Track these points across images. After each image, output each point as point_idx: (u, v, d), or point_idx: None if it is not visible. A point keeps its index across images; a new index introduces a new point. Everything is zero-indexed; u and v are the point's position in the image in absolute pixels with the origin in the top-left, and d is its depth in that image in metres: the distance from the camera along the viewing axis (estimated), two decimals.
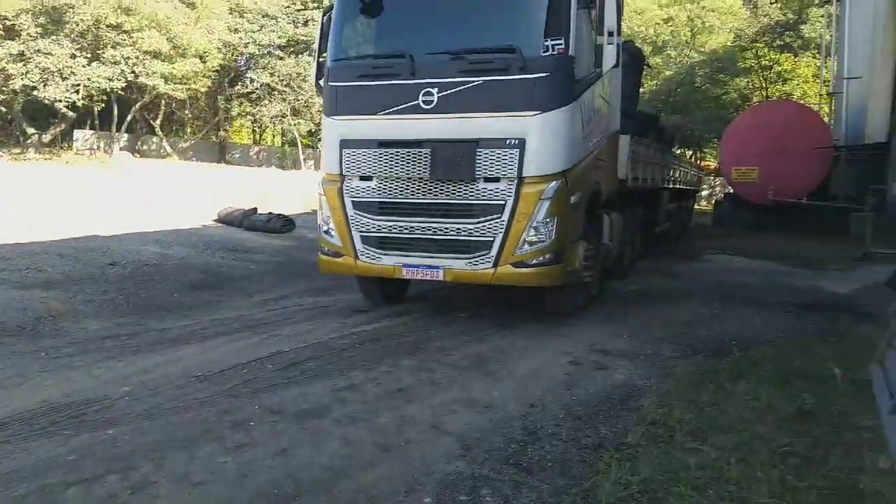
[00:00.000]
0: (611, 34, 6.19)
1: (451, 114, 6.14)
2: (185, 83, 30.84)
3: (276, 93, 36.21)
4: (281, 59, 36.25)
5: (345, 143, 6.60)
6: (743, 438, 3.83)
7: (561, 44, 5.96)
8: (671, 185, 14.31)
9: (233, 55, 37.43)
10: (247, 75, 38.78)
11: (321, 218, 6.85)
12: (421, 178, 6.30)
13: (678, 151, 28.75)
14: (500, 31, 6.27)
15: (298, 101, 36.09)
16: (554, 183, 6.02)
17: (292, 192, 20.40)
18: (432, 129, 6.21)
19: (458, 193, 6.21)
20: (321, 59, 7.10)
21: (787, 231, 17.76)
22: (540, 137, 6.00)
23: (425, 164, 6.23)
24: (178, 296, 7.90)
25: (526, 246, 6.01)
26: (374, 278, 7.07)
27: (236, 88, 39.20)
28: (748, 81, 37.49)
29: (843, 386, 5.01)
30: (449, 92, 6.11)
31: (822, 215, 17.48)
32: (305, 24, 37.11)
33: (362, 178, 6.56)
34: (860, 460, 3.59)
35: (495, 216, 6.06)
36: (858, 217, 15.04)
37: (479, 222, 6.12)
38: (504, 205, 6.04)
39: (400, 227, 6.41)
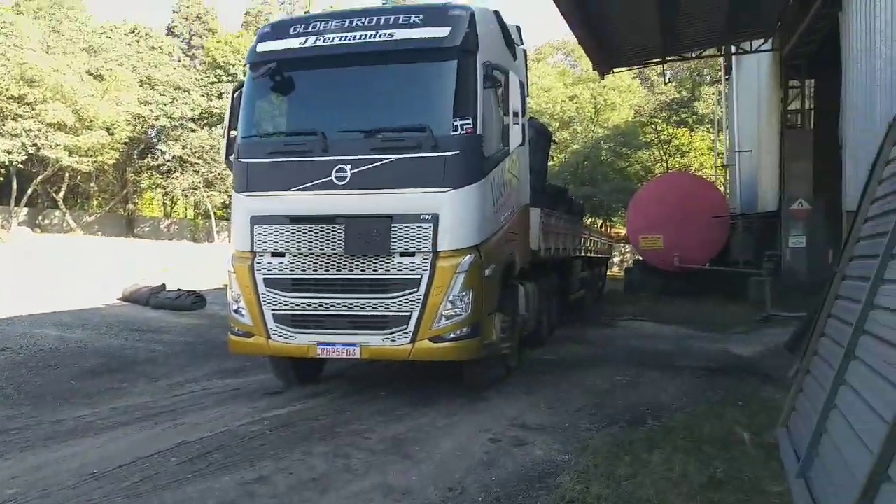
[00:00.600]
0: (515, 114, 6.44)
1: (365, 189, 6.15)
2: (91, 155, 29.84)
3: (188, 165, 35.57)
4: (193, 131, 35.87)
5: (256, 220, 6.47)
6: None
7: (469, 123, 6.14)
8: (583, 254, 14.79)
9: (143, 127, 36.77)
10: (157, 147, 38.03)
11: (231, 296, 6.61)
12: (335, 254, 6.22)
13: (589, 221, 29.97)
14: (410, 111, 6.42)
15: (212, 173, 35.57)
16: (468, 256, 6.08)
17: (205, 266, 19.78)
18: (346, 204, 6.20)
19: (373, 268, 6.16)
20: (231, 135, 7.02)
21: (694, 295, 18.59)
22: (453, 213, 6.08)
23: (339, 240, 6.17)
24: (77, 383, 7.35)
25: (443, 320, 5.98)
26: (288, 358, 6.82)
27: (146, 160, 38.28)
28: (650, 154, 39.92)
29: (752, 450, 5.15)
30: (362, 168, 6.14)
31: (725, 280, 18.45)
32: (219, 96, 37.08)
33: (274, 255, 6.42)
34: None
35: (412, 290, 6.03)
36: (757, 281, 15.98)
37: (395, 297, 6.07)
38: (420, 279, 6.03)
39: (314, 303, 6.26)
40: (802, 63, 14.88)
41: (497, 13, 7.33)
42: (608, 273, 24.86)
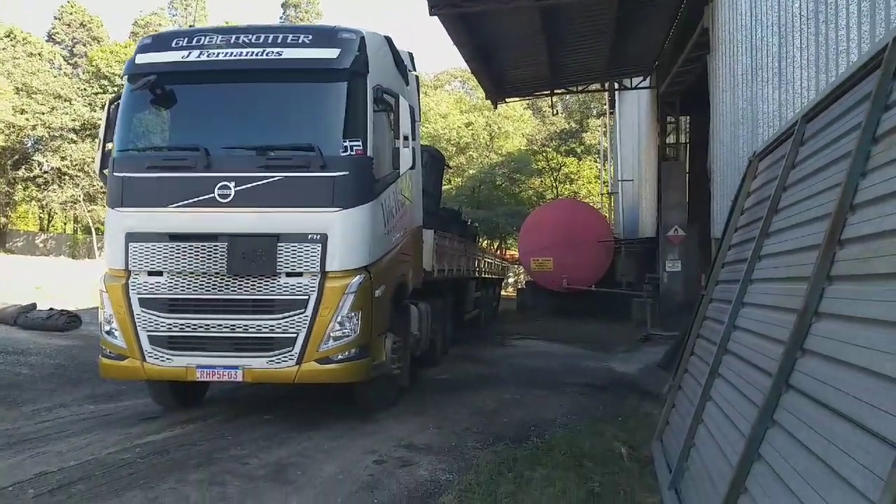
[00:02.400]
0: (406, 138, 6.49)
1: (250, 208, 5.99)
2: None
3: (67, 177, 33.30)
4: (74, 142, 33.68)
5: (131, 237, 6.13)
6: None
7: (359, 145, 6.13)
8: (477, 275, 15.08)
9: (18, 136, 34.16)
10: (34, 158, 35.40)
11: (103, 317, 6.22)
12: (217, 273, 6.00)
13: (484, 243, 30.59)
14: (298, 130, 6.32)
15: (93, 186, 33.47)
16: (358, 277, 6.03)
17: (83, 284, 18.44)
18: (230, 222, 6.00)
19: (257, 288, 5.99)
20: (107, 148, 6.63)
21: (581, 315, 19.39)
22: (342, 233, 6.02)
23: (222, 259, 5.96)
24: None
25: (331, 341, 5.89)
26: (166, 381, 6.47)
27: (21, 172, 35.50)
28: (541, 181, 41.43)
29: (629, 464, 5.38)
30: (247, 186, 5.98)
31: (610, 300, 19.34)
32: (103, 107, 34.98)
33: (151, 274, 6.10)
34: None
35: (298, 311, 5.90)
36: (639, 302, 16.88)
37: (281, 318, 5.91)
38: (307, 299, 5.91)
39: (193, 324, 5.99)
40: (676, 100, 15.99)
41: (388, 38, 7.40)
42: (503, 293, 25.46)
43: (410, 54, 8.47)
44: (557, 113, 34.02)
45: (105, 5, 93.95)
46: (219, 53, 6.22)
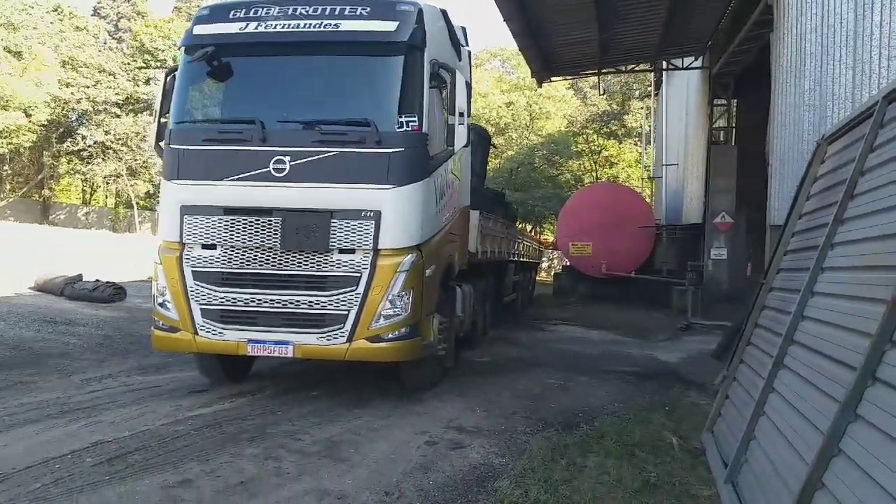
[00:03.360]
0: (461, 115, 6.38)
1: (305, 183, 5.96)
2: (6, 137, 27.99)
3: (110, 151, 33.89)
4: (118, 116, 34.23)
5: (186, 209, 6.16)
6: None
7: (415, 121, 6.04)
8: (516, 258, 14.94)
9: (63, 110, 34.84)
10: (78, 132, 36.06)
11: (156, 289, 6.28)
12: (270, 248, 6.00)
13: (520, 226, 30.37)
14: (354, 105, 6.27)
15: (136, 161, 34.01)
16: (410, 256, 5.97)
17: (125, 257, 18.84)
18: (284, 197, 5.98)
19: (310, 264, 5.97)
20: (163, 120, 6.66)
21: (619, 301, 19.15)
22: (395, 211, 5.96)
23: (276, 234, 5.95)
24: None
25: (382, 319, 5.85)
26: (215, 355, 6.53)
27: (65, 145, 36.24)
28: (580, 164, 40.86)
29: (680, 455, 5.26)
30: (302, 161, 5.95)
31: (649, 287, 19.06)
32: (147, 82, 35.55)
33: (205, 247, 6.13)
34: None
35: (350, 288, 5.88)
36: (680, 290, 16.57)
37: (332, 295, 5.89)
38: (359, 277, 5.88)
39: (245, 299, 6.01)
40: (730, 81, 15.51)
41: (444, 12, 7.26)
42: (537, 278, 25.29)
43: (463, 28, 8.32)
44: (604, 93, 33.33)
45: None
46: (276, 25, 6.17)
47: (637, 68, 20.08)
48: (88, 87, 33.61)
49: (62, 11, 38.91)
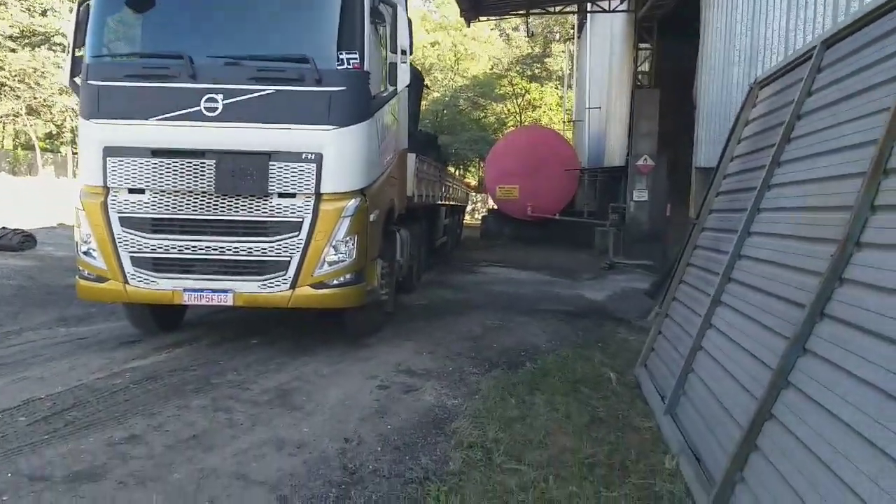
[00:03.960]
0: (404, 52, 6.16)
1: (240, 123, 5.63)
2: None
3: (6, 89, 31.09)
4: (13, 51, 31.29)
5: (109, 151, 5.72)
6: (552, 453, 3.96)
7: (356, 58, 5.79)
8: (447, 202, 14.93)
9: None
10: None
11: (80, 236, 5.86)
12: (204, 192, 5.68)
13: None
14: (290, 41, 5.92)
15: (35, 99, 31.38)
16: (354, 200, 5.81)
17: (31, 201, 17.58)
18: (217, 138, 5.64)
19: (249, 209, 5.71)
20: (77, 54, 6.09)
21: (544, 243, 19.61)
22: (338, 153, 5.75)
23: (210, 177, 5.64)
24: None
25: (326, 266, 5.71)
26: (146, 304, 6.22)
27: None
28: (503, 107, 40.88)
29: (619, 389, 5.49)
30: (236, 99, 5.60)
31: (572, 229, 19.55)
32: (44, 13, 32.54)
33: (132, 191, 5.74)
34: (650, 463, 3.90)
35: (292, 234, 5.68)
36: (602, 231, 17.08)
37: (273, 241, 5.68)
38: (301, 222, 5.68)
39: (179, 246, 5.71)
40: (654, 25, 15.69)
41: None
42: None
43: None
44: (532, 35, 33.18)
45: None
46: None
47: (564, 10, 19.98)
48: None
49: None
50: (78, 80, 5.96)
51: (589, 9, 19.32)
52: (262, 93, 5.61)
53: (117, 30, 6.21)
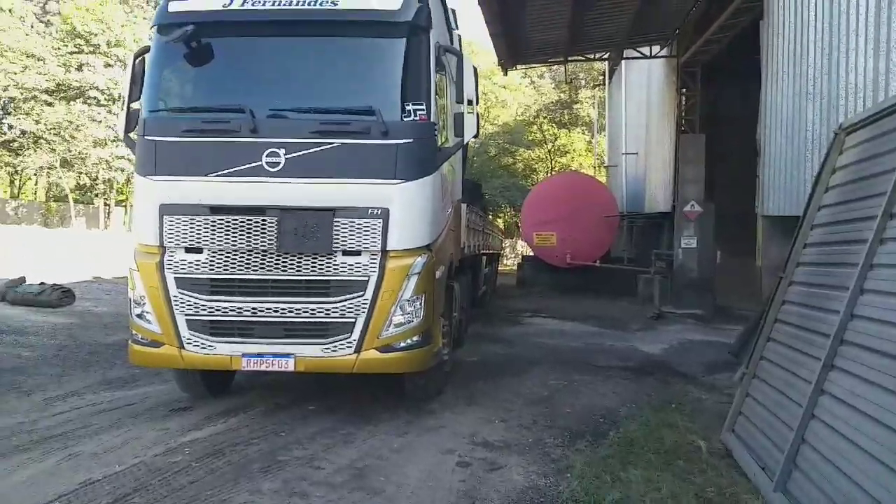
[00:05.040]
0: (470, 102, 5.91)
1: (303, 178, 5.36)
2: None
3: (42, 142, 31.85)
4: (49, 104, 32.18)
5: (166, 209, 5.47)
6: None
7: (423, 109, 5.53)
8: (488, 251, 14.61)
9: None
10: (4, 121, 33.77)
11: (133, 298, 5.58)
12: (265, 251, 5.38)
13: None
14: (355, 91, 5.68)
15: (70, 152, 32.06)
16: (421, 257, 5.47)
17: (65, 254, 17.60)
18: (280, 194, 5.36)
19: (312, 268, 5.38)
20: (133, 108, 5.91)
21: (584, 291, 19.07)
22: (405, 208, 5.44)
23: (271, 235, 5.34)
24: None
25: (393, 327, 5.34)
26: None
27: None
28: (530, 153, 40.91)
29: (711, 460, 5.00)
30: (299, 154, 5.34)
31: (612, 276, 19.03)
32: (79, 68, 33.54)
33: (189, 251, 5.46)
34: None
35: (357, 294, 5.33)
36: (646, 279, 16.55)
37: (337, 301, 5.33)
38: (367, 281, 5.34)
39: (238, 308, 5.38)
40: (696, 70, 15.48)
41: None
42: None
43: (453, 10, 7.79)
44: (570, 82, 33.24)
45: None
46: (265, 2, 5.52)
47: (603, 57, 19.92)
48: (16, 73, 31.47)
49: None
50: (133, 135, 5.77)
51: (627, 55, 19.19)
52: (326, 146, 5.35)
53: (174, 83, 6.04)
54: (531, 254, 22.15)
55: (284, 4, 5.52)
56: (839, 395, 4.05)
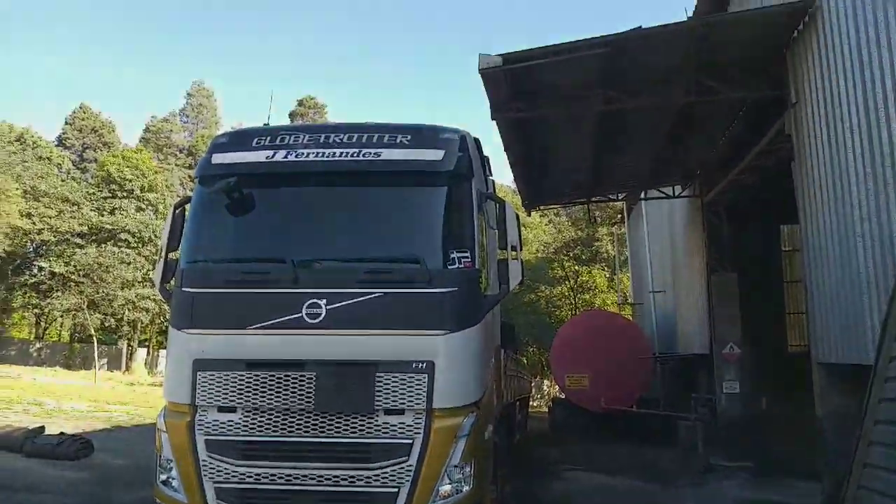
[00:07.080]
0: (514, 248, 5.73)
1: (343, 330, 5.09)
2: None
3: (71, 284, 32.49)
4: (81, 247, 33.19)
5: (200, 364, 5.18)
6: None
7: (467, 256, 5.35)
8: (521, 395, 13.98)
9: (22, 241, 33.74)
10: (35, 263, 34.74)
11: (160, 462, 5.16)
12: (302, 410, 5.01)
13: None
14: (397, 240, 5.56)
15: (97, 294, 32.55)
16: (470, 417, 5.05)
17: (85, 397, 17.18)
18: (319, 347, 5.08)
19: (351, 430, 4.97)
20: (169, 259, 5.81)
21: (621, 438, 17.94)
22: (451, 361, 5.09)
23: (308, 392, 5.00)
24: None
25: (440, 500, 4.81)
26: None
27: (22, 278, 34.70)
28: (551, 290, 40.80)
29: None
30: (340, 304, 5.11)
31: (649, 421, 18.03)
32: (112, 212, 34.94)
33: (222, 410, 5.10)
34: None
35: (400, 459, 4.87)
36: (688, 426, 15.60)
37: (379, 468, 4.86)
38: (411, 444, 4.90)
39: (272, 475, 4.93)
40: (720, 209, 15.55)
41: (478, 140, 6.82)
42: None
43: (487, 158, 7.88)
44: (595, 221, 33.76)
45: (116, 108, 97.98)
46: (308, 154, 5.54)
47: (626, 198, 20.21)
48: (51, 217, 32.81)
49: (25, 140, 38.71)
50: (169, 285, 5.62)
51: (649, 195, 19.45)
52: (369, 296, 5.12)
53: (215, 233, 5.95)
54: (561, 395, 21.28)
55: (328, 157, 5.53)
56: None
